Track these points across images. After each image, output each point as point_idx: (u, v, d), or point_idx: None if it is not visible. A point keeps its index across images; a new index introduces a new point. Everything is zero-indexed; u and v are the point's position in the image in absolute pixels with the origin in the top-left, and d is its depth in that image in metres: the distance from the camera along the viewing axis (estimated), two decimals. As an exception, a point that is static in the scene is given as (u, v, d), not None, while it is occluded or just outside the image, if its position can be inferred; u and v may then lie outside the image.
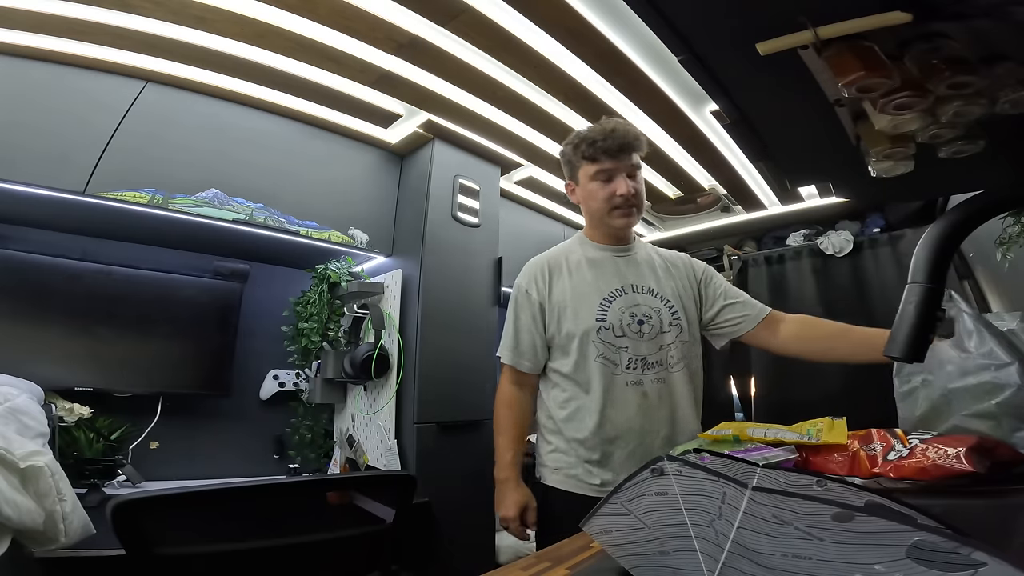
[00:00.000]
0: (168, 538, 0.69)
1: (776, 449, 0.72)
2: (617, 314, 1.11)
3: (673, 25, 0.66)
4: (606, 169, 1.13)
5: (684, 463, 0.41)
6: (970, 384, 0.72)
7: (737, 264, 2.75)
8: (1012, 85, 0.59)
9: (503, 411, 1.18)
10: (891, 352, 0.59)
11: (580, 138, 1.16)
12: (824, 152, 0.89)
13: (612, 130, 1.12)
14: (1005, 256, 1.12)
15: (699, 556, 0.38)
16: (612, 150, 1.11)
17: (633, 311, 1.12)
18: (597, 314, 1.11)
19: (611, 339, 1.10)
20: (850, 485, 0.33)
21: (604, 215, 1.16)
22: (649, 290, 1.17)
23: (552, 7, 1.26)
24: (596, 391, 1.09)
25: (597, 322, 1.11)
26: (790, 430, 0.76)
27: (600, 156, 1.12)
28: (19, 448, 0.90)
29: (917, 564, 0.26)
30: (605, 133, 1.12)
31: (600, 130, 1.13)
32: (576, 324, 1.12)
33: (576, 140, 1.17)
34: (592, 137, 1.13)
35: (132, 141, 1.47)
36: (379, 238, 1.96)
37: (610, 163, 1.12)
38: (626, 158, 1.13)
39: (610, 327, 1.10)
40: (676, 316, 1.16)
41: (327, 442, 2.04)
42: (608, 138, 1.11)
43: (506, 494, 1.12)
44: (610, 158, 1.12)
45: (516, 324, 1.18)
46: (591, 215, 1.21)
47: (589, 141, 1.13)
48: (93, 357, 1.57)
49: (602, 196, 1.14)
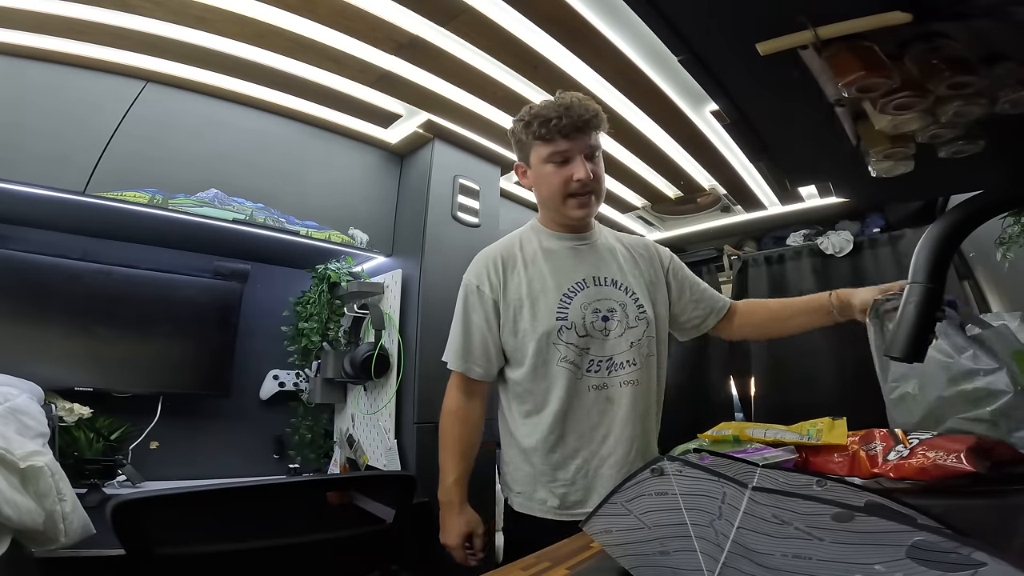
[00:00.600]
0: (168, 538, 0.69)
1: (776, 449, 0.72)
2: (579, 311, 1.00)
3: (673, 25, 0.66)
4: (561, 151, 0.99)
5: (684, 463, 0.41)
6: (965, 390, 0.72)
7: (737, 264, 2.75)
8: (1012, 85, 0.59)
9: (448, 424, 1.06)
10: (891, 352, 0.59)
11: (532, 115, 1.01)
12: (824, 152, 0.89)
13: (568, 106, 0.98)
14: (1005, 256, 1.13)
15: (699, 556, 0.38)
16: (567, 129, 0.97)
17: (596, 306, 1.01)
18: (557, 312, 1.00)
19: (574, 340, 0.99)
20: (850, 485, 0.33)
21: (559, 203, 1.03)
22: (613, 282, 1.06)
23: (552, 7, 1.25)
24: (556, 399, 0.99)
25: (558, 321, 1.00)
26: (790, 430, 0.76)
27: (555, 136, 0.98)
28: (19, 448, 0.90)
29: (917, 564, 0.26)
30: (560, 110, 0.98)
31: (554, 106, 0.99)
32: (534, 325, 1.01)
33: (527, 117, 1.02)
34: (545, 115, 0.99)
35: (132, 141, 1.47)
36: (379, 238, 1.96)
37: (566, 144, 0.99)
38: (584, 138, 0.99)
39: (572, 326, 0.99)
40: (642, 310, 1.05)
41: (327, 442, 2.04)
42: (563, 116, 0.97)
43: (449, 519, 1.01)
44: (565, 138, 0.98)
45: (466, 325, 1.06)
46: (544, 202, 1.08)
47: (542, 119, 0.99)
48: (93, 357, 1.57)
49: (556, 181, 1.01)
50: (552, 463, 1.00)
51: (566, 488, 0.99)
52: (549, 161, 1.02)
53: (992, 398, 0.69)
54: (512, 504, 1.05)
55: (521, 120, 1.05)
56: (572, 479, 0.99)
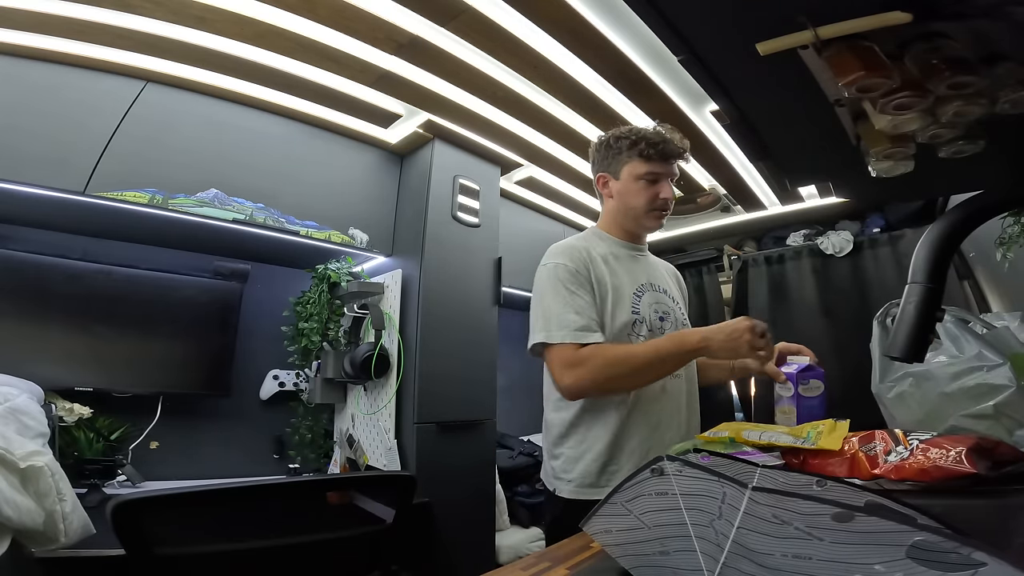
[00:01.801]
0: (168, 538, 0.69)
1: (764, 455, 0.72)
2: (647, 309, 1.11)
3: (673, 25, 0.66)
4: (655, 172, 1.13)
5: (684, 463, 0.41)
6: (967, 386, 0.72)
7: (737, 264, 2.75)
8: (1012, 85, 0.59)
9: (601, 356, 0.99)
10: (891, 352, 0.59)
11: (638, 135, 1.14)
12: (824, 152, 0.89)
13: (669, 136, 1.14)
14: (1005, 256, 1.13)
15: (699, 556, 0.38)
16: (667, 154, 1.13)
17: (656, 307, 1.13)
18: (632, 307, 1.10)
19: (644, 333, 1.09)
20: (850, 485, 0.33)
21: (641, 215, 1.15)
22: (663, 290, 1.18)
23: (552, 7, 1.26)
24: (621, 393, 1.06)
25: (632, 315, 1.09)
26: (790, 432, 0.76)
27: (655, 157, 1.12)
28: (19, 448, 0.90)
29: (917, 564, 0.26)
30: (663, 137, 1.13)
31: (659, 133, 1.14)
32: (614, 316, 1.08)
33: (633, 136, 1.15)
34: (652, 138, 1.13)
35: (132, 141, 1.47)
36: (379, 238, 1.96)
37: (661, 167, 1.13)
38: (674, 165, 1.16)
39: (643, 321, 1.09)
40: (684, 317, 1.20)
41: (327, 442, 2.04)
42: (666, 142, 1.13)
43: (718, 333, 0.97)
44: (663, 161, 1.13)
45: (571, 298, 1.04)
46: (623, 212, 1.18)
47: (650, 141, 1.12)
48: (93, 357, 1.57)
49: (645, 197, 1.14)
50: (614, 450, 1.05)
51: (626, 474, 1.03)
52: (643, 178, 1.14)
53: (995, 392, 0.69)
54: (562, 492, 1.07)
55: (626, 138, 1.15)
56: (635, 465, 1.03)
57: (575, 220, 2.76)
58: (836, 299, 2.43)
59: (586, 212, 2.66)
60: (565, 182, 2.31)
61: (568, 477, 1.07)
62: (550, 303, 1.06)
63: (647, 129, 1.16)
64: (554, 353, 1.03)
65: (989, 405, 0.69)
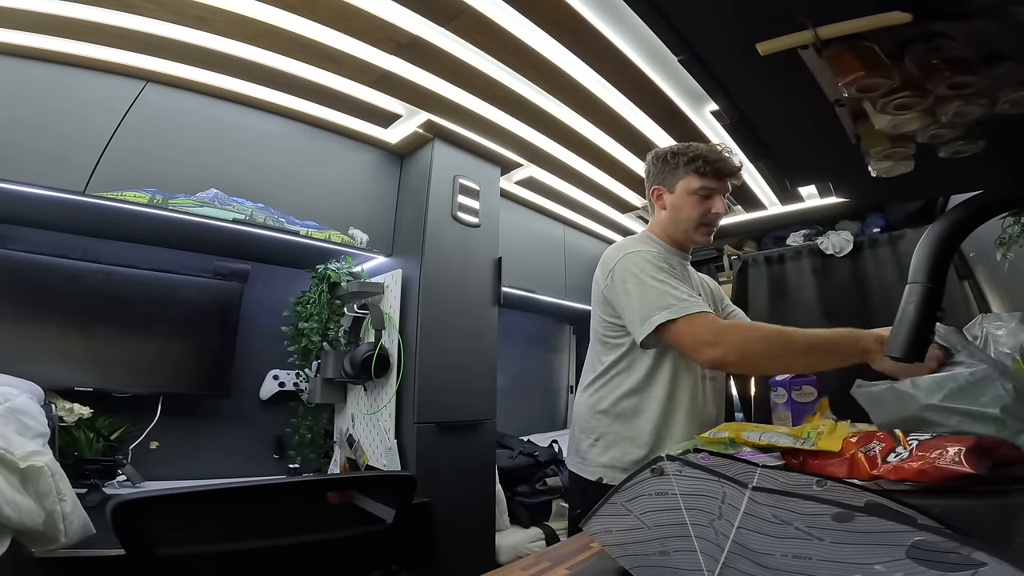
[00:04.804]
0: (168, 538, 0.69)
1: (764, 455, 0.72)
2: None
3: (673, 25, 0.66)
4: (710, 187, 1.18)
5: (684, 463, 0.41)
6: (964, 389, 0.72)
7: (737, 264, 2.75)
8: (1012, 85, 0.59)
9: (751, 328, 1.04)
10: (891, 352, 0.59)
11: (696, 152, 1.19)
12: (824, 152, 0.89)
13: (725, 155, 1.19)
14: (1005, 256, 1.13)
15: (699, 556, 0.38)
16: (722, 172, 1.17)
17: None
18: None
19: None
20: (850, 485, 0.33)
21: (692, 228, 1.20)
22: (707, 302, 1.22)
23: (552, 7, 1.26)
24: (663, 384, 1.11)
25: None
26: (790, 433, 0.76)
27: (711, 174, 1.17)
28: (19, 448, 0.90)
29: (917, 564, 0.26)
30: (720, 156, 1.18)
31: (715, 151, 1.19)
32: None
33: (691, 153, 1.19)
34: (709, 156, 1.18)
35: (132, 141, 1.47)
36: (379, 238, 1.96)
37: (716, 183, 1.18)
38: (727, 183, 1.20)
39: None
40: None
41: (327, 442, 2.04)
42: (721, 160, 1.17)
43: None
44: (718, 179, 1.18)
45: (672, 279, 1.06)
46: (675, 223, 1.22)
47: (707, 159, 1.17)
48: (93, 357, 1.57)
49: (699, 210, 1.18)
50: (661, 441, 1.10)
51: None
52: (697, 193, 1.18)
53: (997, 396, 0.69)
54: (602, 479, 1.12)
55: (684, 154, 1.20)
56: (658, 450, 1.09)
57: (575, 220, 2.76)
58: (836, 299, 2.43)
59: (586, 212, 2.66)
60: (565, 182, 2.31)
61: (606, 463, 1.12)
62: (654, 284, 1.04)
63: (704, 147, 1.21)
64: (682, 327, 0.99)
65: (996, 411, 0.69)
